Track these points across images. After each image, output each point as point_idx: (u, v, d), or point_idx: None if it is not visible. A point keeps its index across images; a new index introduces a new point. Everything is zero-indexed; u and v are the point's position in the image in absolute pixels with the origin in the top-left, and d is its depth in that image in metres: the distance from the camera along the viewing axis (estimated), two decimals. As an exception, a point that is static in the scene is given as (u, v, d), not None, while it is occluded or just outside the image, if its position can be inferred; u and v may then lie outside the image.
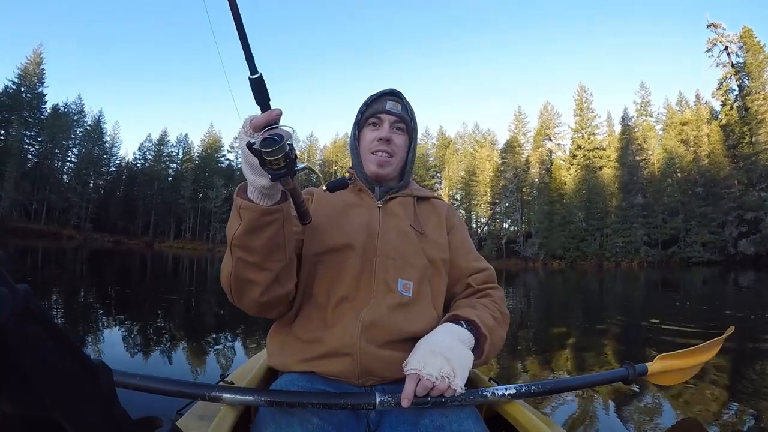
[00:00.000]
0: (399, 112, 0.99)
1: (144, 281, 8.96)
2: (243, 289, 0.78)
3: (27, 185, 41.26)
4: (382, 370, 0.79)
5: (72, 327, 3.75)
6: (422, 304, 0.88)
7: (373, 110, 1.00)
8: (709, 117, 39.61)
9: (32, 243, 22.66)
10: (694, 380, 2.34)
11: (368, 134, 1.00)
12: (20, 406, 0.29)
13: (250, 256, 0.73)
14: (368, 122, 1.00)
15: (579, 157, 42.58)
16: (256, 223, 0.71)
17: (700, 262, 32.66)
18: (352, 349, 0.78)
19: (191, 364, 2.81)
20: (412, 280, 0.88)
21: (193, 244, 46.61)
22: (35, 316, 0.27)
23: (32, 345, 0.27)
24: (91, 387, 0.33)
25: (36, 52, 44.98)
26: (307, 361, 0.81)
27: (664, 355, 1.22)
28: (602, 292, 10.42)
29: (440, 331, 0.80)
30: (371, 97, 1.02)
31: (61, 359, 0.30)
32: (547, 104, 48.35)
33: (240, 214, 0.70)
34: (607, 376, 1.07)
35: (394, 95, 1.02)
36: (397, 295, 0.85)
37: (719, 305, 7.33)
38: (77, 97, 52.05)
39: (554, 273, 22.42)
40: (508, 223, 47.46)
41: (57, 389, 0.30)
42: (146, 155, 55.82)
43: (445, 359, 0.71)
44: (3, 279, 0.26)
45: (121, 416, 0.36)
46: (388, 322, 0.81)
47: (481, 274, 0.99)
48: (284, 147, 0.61)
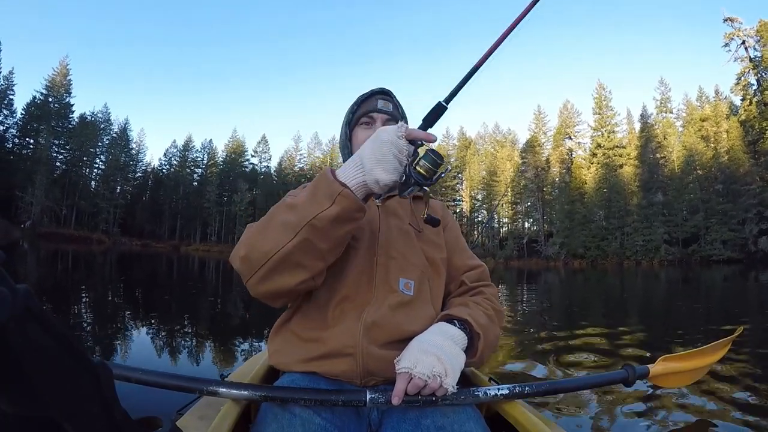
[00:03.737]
0: (390, 110, 1.01)
1: (171, 281, 9.50)
2: (283, 271, 0.74)
3: (57, 192, 42.44)
4: (383, 371, 0.78)
5: (94, 322, 3.99)
6: (422, 303, 0.87)
7: (364, 109, 1.01)
8: (728, 113, 39.48)
9: (63, 247, 23.78)
10: (700, 381, 2.52)
11: (361, 133, 1.00)
12: (20, 406, 0.29)
13: (322, 242, 0.72)
14: (360, 122, 1.01)
15: (599, 155, 42.89)
16: (349, 214, 0.70)
17: (720, 260, 32.96)
18: (354, 350, 0.78)
19: (196, 362, 2.85)
20: (413, 279, 0.88)
21: (219, 247, 47.77)
22: (35, 316, 0.28)
23: (32, 345, 0.27)
24: (91, 387, 0.33)
25: (62, 63, 46.05)
26: (309, 361, 0.81)
27: (666, 357, 1.16)
28: (622, 292, 10.26)
29: (433, 330, 0.79)
30: (362, 97, 1.03)
31: (61, 359, 0.30)
32: (567, 102, 48.53)
33: (336, 198, 0.69)
34: (606, 378, 1.05)
35: (385, 94, 1.03)
36: (399, 294, 0.85)
37: (738, 304, 7.32)
38: (104, 105, 53.62)
39: (575, 272, 22.49)
40: (529, 222, 48.12)
41: (57, 389, 0.30)
42: (171, 161, 57.29)
43: (436, 358, 0.71)
44: (3, 279, 0.26)
45: (121, 416, 0.37)
46: (390, 322, 0.81)
47: (475, 272, 1.00)
48: (447, 167, 0.68)
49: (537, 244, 44.29)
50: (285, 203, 0.77)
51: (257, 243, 0.74)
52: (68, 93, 46.24)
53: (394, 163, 0.69)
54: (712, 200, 35.84)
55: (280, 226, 0.73)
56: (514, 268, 28.07)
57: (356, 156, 0.73)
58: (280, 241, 0.71)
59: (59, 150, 45.71)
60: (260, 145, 59.28)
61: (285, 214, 0.74)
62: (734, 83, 38.87)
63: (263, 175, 57.18)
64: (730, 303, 7.69)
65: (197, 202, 54.22)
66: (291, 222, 0.72)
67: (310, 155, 58.60)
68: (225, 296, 6.94)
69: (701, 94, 42.98)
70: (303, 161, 58.79)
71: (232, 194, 53.28)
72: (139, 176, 56.30)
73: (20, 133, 43.58)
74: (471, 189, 50.34)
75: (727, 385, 2.44)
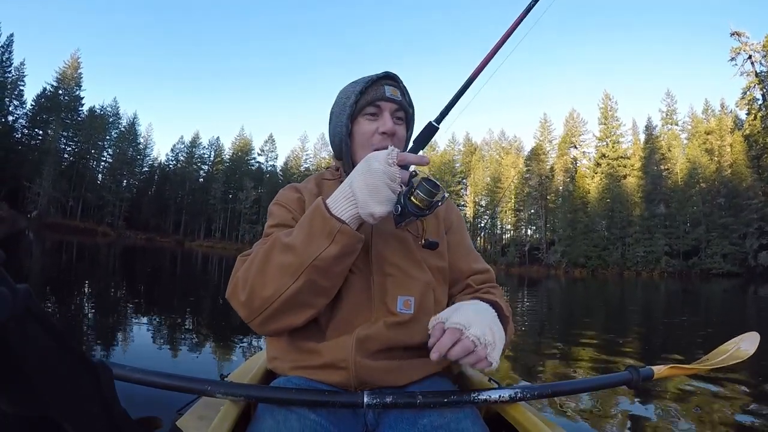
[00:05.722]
0: (399, 99, 0.87)
1: (174, 277, 9.56)
2: (288, 312, 0.71)
3: (64, 183, 42.79)
4: (377, 379, 0.76)
5: (95, 317, 3.97)
6: (423, 318, 0.78)
7: (369, 97, 0.86)
8: (732, 127, 39.67)
9: (68, 238, 24.14)
10: (705, 386, 2.41)
11: (365, 126, 0.87)
12: (20, 406, 0.29)
13: (325, 281, 0.70)
14: (364, 111, 0.87)
15: (603, 165, 43.27)
16: (350, 249, 0.68)
17: (720, 274, 33.24)
18: (346, 363, 0.75)
19: (196, 362, 2.84)
20: (413, 296, 0.81)
21: (222, 244, 48.16)
22: (35, 316, 0.28)
23: (32, 345, 0.27)
24: (91, 387, 0.33)
25: (74, 57, 46.52)
26: (304, 369, 0.79)
27: (675, 366, 1.12)
28: (622, 303, 10.32)
29: (473, 303, 0.74)
30: (364, 82, 0.87)
31: (61, 359, 0.30)
32: (573, 111, 48.82)
33: (335, 237, 0.66)
34: (609, 380, 1.03)
35: (392, 79, 0.89)
36: (396, 315, 0.79)
37: (740, 318, 7.45)
38: (113, 99, 54.48)
39: (575, 281, 22.75)
40: (532, 229, 48.36)
41: (57, 389, 0.30)
42: (178, 156, 57.76)
43: (488, 327, 0.66)
44: (3, 279, 0.26)
45: (121, 416, 0.36)
46: (385, 336, 0.77)
47: (481, 276, 0.93)
48: (443, 195, 0.65)
49: (538, 251, 44.54)
50: (281, 242, 0.72)
51: (257, 288, 0.71)
52: (78, 86, 46.71)
53: (387, 193, 0.67)
54: (713, 213, 36.10)
55: (279, 270, 0.70)
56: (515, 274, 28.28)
57: (346, 186, 0.71)
58: (282, 285, 0.69)
59: (67, 142, 46.20)
60: (267, 144, 59.61)
61: (283, 256, 0.70)
62: (740, 97, 39.07)
63: (269, 174, 57.44)
64: (733, 316, 7.78)
65: (202, 199, 54.62)
66: (291, 265, 0.69)
67: (316, 155, 58.82)
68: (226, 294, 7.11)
69: (707, 107, 43.24)
70: (309, 161, 59.09)
71: (238, 192, 53.69)
72: (146, 171, 56.79)
73: (30, 124, 43.97)
74: (475, 195, 50.48)
75: (730, 388, 2.43)
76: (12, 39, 41.93)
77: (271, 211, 0.89)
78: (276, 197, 0.93)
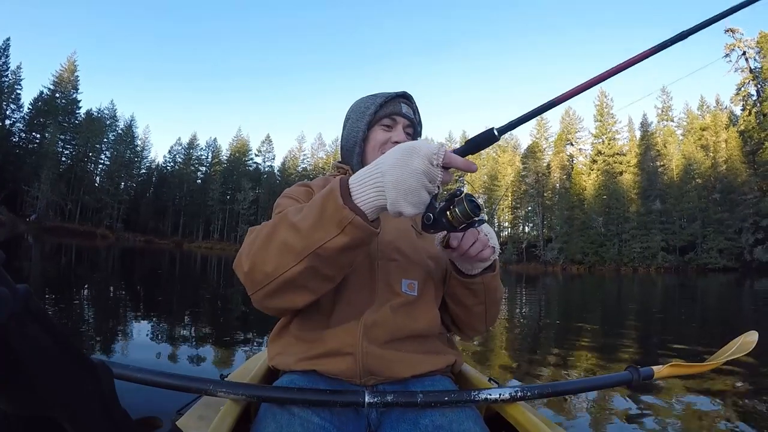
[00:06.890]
0: (412, 116, 0.99)
1: (173, 278, 9.60)
2: (288, 292, 0.70)
3: (62, 186, 42.80)
4: (384, 370, 0.77)
5: (94, 318, 3.97)
6: (426, 301, 0.86)
7: (388, 111, 0.97)
8: (727, 122, 39.83)
9: (67, 241, 24.07)
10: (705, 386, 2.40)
11: (379, 134, 0.97)
12: (20, 406, 0.29)
13: (328, 269, 0.67)
14: (381, 122, 0.97)
15: (599, 162, 43.39)
16: (361, 242, 0.64)
17: (716, 269, 33.45)
18: (353, 349, 0.76)
19: (196, 362, 2.84)
20: (416, 279, 0.86)
21: (221, 245, 48.34)
22: (35, 316, 0.28)
23: (32, 345, 0.28)
24: (91, 387, 0.33)
25: (70, 60, 46.47)
26: (309, 359, 0.79)
27: (676, 364, 1.12)
28: (619, 299, 10.41)
29: None
30: (384, 97, 0.98)
31: (61, 359, 0.30)
32: (569, 109, 48.82)
33: (345, 228, 0.61)
34: (609, 380, 1.02)
35: (407, 98, 1.01)
36: (402, 295, 0.83)
37: (738, 311, 7.48)
38: (110, 102, 54.75)
39: (573, 277, 22.77)
40: (529, 227, 48.55)
41: (57, 389, 0.30)
42: (176, 158, 57.84)
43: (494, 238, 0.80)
44: (3, 279, 0.26)
45: (121, 416, 0.36)
46: (391, 322, 0.79)
47: None
48: (482, 218, 0.62)
49: (536, 248, 44.70)
50: (288, 220, 0.68)
51: (259, 261, 0.69)
52: (75, 89, 46.74)
53: (424, 196, 0.59)
54: (709, 209, 36.24)
55: (282, 248, 0.66)
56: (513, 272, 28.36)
57: (377, 173, 0.61)
58: (283, 264, 0.66)
59: (65, 145, 46.14)
60: (264, 145, 59.70)
61: (287, 234, 0.67)
62: (734, 93, 39.28)
63: (266, 175, 57.59)
64: (730, 310, 7.88)
65: (200, 200, 54.73)
66: (294, 247, 0.65)
67: (313, 156, 59.08)
68: (225, 295, 7.02)
69: (702, 103, 43.47)
70: (306, 161, 59.28)
71: (236, 193, 53.84)
72: (144, 173, 56.92)
73: (27, 127, 44.02)
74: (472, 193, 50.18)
75: (730, 387, 2.44)
76: (8, 43, 42.00)
77: (278, 202, 0.91)
78: (283, 192, 0.96)
